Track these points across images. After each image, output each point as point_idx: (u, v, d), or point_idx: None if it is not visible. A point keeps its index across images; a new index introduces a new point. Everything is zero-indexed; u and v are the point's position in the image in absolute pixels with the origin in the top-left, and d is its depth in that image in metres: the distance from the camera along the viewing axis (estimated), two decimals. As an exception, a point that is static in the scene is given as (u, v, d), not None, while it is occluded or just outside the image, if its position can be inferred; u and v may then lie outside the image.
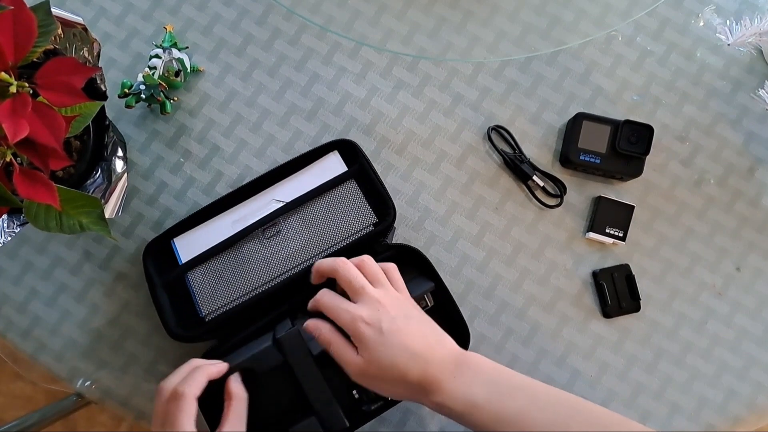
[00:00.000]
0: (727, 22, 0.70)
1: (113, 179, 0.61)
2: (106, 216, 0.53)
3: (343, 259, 0.55)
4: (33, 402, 1.33)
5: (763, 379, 0.66)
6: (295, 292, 0.60)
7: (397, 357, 0.50)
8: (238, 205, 0.65)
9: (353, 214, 0.63)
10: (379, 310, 0.51)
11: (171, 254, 0.64)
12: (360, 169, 0.64)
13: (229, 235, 0.63)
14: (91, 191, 0.59)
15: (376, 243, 0.62)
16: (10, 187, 0.46)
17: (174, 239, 0.64)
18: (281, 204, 0.64)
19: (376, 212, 0.63)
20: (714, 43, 0.71)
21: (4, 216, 0.56)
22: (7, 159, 0.45)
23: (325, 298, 0.54)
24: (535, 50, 0.70)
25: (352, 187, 0.64)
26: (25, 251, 0.67)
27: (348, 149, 0.65)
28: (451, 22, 0.71)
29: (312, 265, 0.57)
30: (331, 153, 0.65)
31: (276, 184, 0.65)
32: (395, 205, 0.62)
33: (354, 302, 0.53)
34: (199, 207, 0.66)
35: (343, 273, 0.54)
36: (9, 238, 0.56)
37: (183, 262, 0.63)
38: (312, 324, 0.54)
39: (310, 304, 0.55)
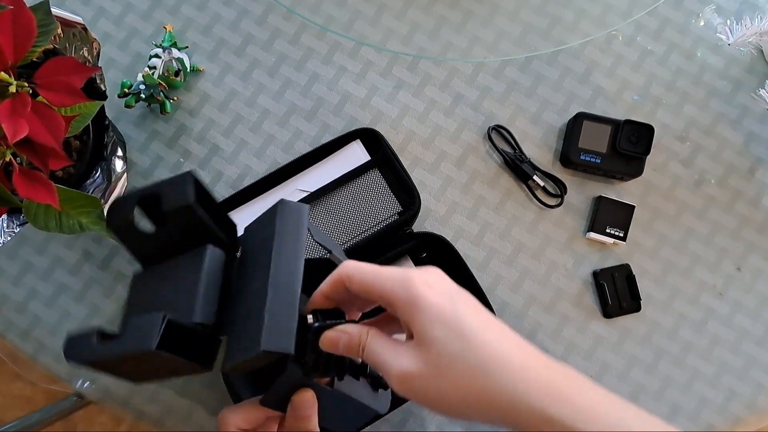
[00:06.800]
0: (728, 21, 0.70)
1: (113, 179, 0.61)
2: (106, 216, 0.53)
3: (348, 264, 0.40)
4: (32, 402, 1.33)
5: (764, 379, 0.65)
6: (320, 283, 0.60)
7: (488, 339, 0.34)
8: (261, 196, 0.65)
9: (378, 203, 0.64)
10: (436, 273, 0.37)
11: None
12: (383, 157, 0.65)
13: None
14: (90, 191, 0.59)
15: (401, 232, 0.63)
16: (10, 187, 0.46)
17: None
18: (305, 194, 0.64)
19: (401, 201, 0.64)
20: (714, 43, 0.70)
21: (4, 216, 0.55)
22: (7, 159, 0.45)
23: (351, 264, 0.38)
24: (535, 50, 0.70)
25: (375, 176, 0.65)
26: (24, 251, 0.67)
27: (370, 138, 0.65)
28: (451, 22, 0.71)
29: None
30: (353, 142, 0.66)
31: (299, 174, 0.65)
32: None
33: None
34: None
35: (370, 274, 0.38)
36: (8, 238, 0.56)
37: None
38: (333, 332, 0.39)
39: (325, 293, 0.40)
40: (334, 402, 0.45)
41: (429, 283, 0.35)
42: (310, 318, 0.40)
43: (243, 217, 0.64)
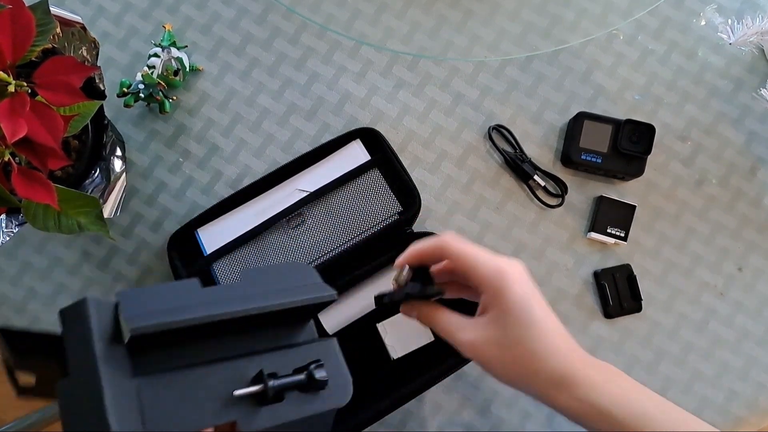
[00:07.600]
0: (729, 21, 0.69)
1: (112, 179, 0.61)
2: (105, 216, 0.53)
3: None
4: (32, 402, 1.32)
5: (765, 379, 0.65)
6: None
7: (549, 328, 0.43)
8: (261, 196, 0.65)
9: (378, 203, 0.64)
10: (521, 266, 0.45)
11: (195, 245, 0.64)
12: (383, 157, 0.64)
13: (253, 226, 0.63)
14: (89, 191, 0.58)
15: (402, 232, 0.63)
16: (9, 187, 0.46)
17: (198, 230, 0.64)
18: (305, 194, 0.64)
19: (401, 201, 0.63)
20: (715, 43, 0.70)
21: (3, 216, 0.55)
22: (6, 159, 0.45)
23: (454, 237, 0.46)
24: (536, 49, 0.70)
25: (375, 176, 0.64)
26: (23, 251, 0.66)
27: (370, 138, 0.65)
28: (452, 21, 0.70)
29: (335, 255, 0.54)
30: (353, 142, 0.65)
31: (299, 174, 0.65)
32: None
33: None
34: (199, 206, 0.66)
35: (470, 255, 0.45)
36: (7, 238, 0.56)
37: (208, 253, 0.63)
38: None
39: (421, 251, 0.48)
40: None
41: (516, 279, 0.43)
42: (405, 271, 0.48)
43: (241, 218, 0.64)
